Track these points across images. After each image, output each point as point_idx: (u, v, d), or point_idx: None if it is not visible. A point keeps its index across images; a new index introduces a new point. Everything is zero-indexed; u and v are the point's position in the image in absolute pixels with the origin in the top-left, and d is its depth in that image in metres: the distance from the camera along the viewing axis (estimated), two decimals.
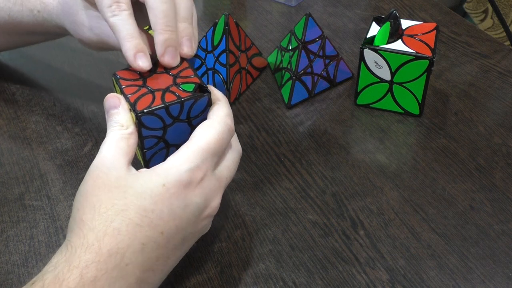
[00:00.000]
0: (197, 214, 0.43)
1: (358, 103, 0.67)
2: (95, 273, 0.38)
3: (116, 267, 0.38)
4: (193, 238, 0.45)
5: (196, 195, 0.42)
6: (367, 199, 0.55)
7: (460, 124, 0.65)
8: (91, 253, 0.38)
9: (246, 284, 0.48)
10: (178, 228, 0.42)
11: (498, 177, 0.58)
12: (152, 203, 0.40)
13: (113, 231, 0.39)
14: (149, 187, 0.41)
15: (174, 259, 0.43)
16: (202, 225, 0.44)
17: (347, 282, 0.48)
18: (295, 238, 0.52)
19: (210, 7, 0.88)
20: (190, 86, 0.46)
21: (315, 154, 0.60)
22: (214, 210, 0.44)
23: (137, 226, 0.40)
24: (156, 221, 0.40)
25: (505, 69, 0.74)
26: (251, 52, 0.70)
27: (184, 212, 0.42)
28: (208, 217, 0.44)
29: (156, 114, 0.44)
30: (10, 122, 0.64)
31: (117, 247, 0.39)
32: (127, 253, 0.39)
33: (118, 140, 0.43)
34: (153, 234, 0.40)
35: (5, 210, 0.54)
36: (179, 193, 0.41)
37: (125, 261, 0.39)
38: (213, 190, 0.44)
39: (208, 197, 0.43)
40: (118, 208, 0.40)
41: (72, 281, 0.37)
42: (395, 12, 0.64)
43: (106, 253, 0.38)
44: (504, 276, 0.49)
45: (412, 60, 0.62)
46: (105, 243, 0.39)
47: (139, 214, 0.40)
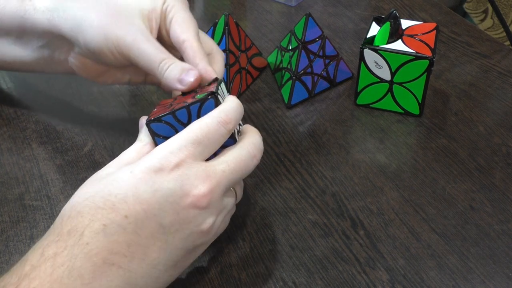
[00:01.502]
0: (171, 200, 0.41)
1: (358, 103, 0.67)
2: (55, 250, 0.39)
3: (76, 244, 0.39)
4: (180, 230, 0.42)
5: (168, 180, 0.41)
6: (367, 199, 0.55)
7: (460, 124, 0.65)
8: (54, 234, 0.40)
9: (246, 284, 0.48)
10: (148, 213, 0.41)
11: (498, 177, 0.58)
12: (117, 187, 0.41)
13: (76, 214, 0.40)
14: (118, 175, 0.42)
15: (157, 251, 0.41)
16: (187, 215, 0.42)
17: (347, 282, 0.48)
18: (295, 238, 0.52)
19: (210, 7, 0.88)
20: (203, 94, 0.46)
21: (315, 154, 0.60)
22: (199, 200, 0.42)
23: (98, 208, 0.40)
24: (119, 204, 0.40)
25: (505, 69, 0.74)
26: (251, 52, 0.70)
27: (153, 197, 0.41)
28: (193, 207, 0.42)
29: (164, 121, 0.45)
30: (10, 122, 0.64)
31: (76, 226, 0.40)
32: (86, 231, 0.39)
33: (130, 151, 0.45)
34: (115, 217, 0.40)
35: (5, 210, 0.54)
36: (147, 178, 0.41)
37: (85, 239, 0.39)
38: (194, 178, 0.42)
39: (186, 184, 0.42)
40: (87, 195, 0.41)
41: (34, 258, 0.39)
42: (395, 12, 0.64)
43: (66, 233, 0.39)
44: (504, 276, 0.49)
45: (412, 60, 0.62)
46: (66, 224, 0.40)
47: (103, 198, 0.41)
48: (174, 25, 0.51)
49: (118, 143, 0.61)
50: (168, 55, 0.50)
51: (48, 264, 0.38)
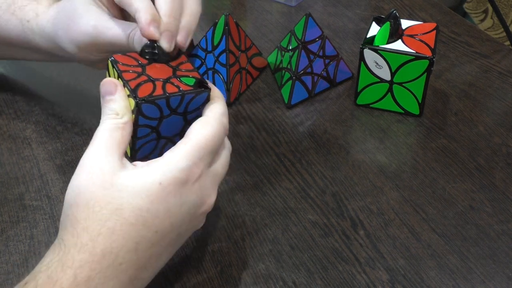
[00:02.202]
0: (192, 211, 0.43)
1: (358, 103, 0.67)
2: (88, 273, 0.37)
3: (110, 266, 0.38)
4: (187, 234, 0.45)
5: (193, 192, 0.42)
6: (367, 199, 0.55)
7: (460, 124, 0.65)
8: (85, 253, 0.38)
9: (246, 284, 0.48)
10: (173, 225, 0.42)
11: (498, 177, 0.58)
12: (148, 202, 0.40)
13: (107, 230, 0.39)
14: (145, 186, 0.40)
15: (166, 255, 0.43)
16: (197, 222, 0.45)
17: (347, 282, 0.48)
18: (295, 238, 0.52)
19: (210, 7, 0.88)
20: (191, 80, 0.46)
21: (315, 154, 0.60)
22: (209, 207, 0.44)
23: (131, 225, 0.39)
24: (151, 220, 0.40)
25: (505, 69, 0.74)
26: (251, 52, 0.70)
27: (179, 210, 0.42)
28: (203, 214, 0.45)
29: (156, 104, 0.44)
30: (10, 122, 0.64)
31: (111, 246, 0.38)
32: (121, 252, 0.39)
33: (112, 130, 0.42)
34: (147, 233, 0.40)
35: (5, 210, 0.54)
36: (176, 191, 0.41)
37: (119, 260, 0.39)
38: (209, 187, 0.44)
39: (204, 194, 0.43)
40: (113, 207, 0.39)
41: (65, 281, 0.37)
42: (395, 12, 0.64)
43: (100, 253, 0.38)
44: (504, 276, 0.49)
45: (412, 60, 0.62)
46: (99, 243, 0.38)
47: (134, 213, 0.39)
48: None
49: None
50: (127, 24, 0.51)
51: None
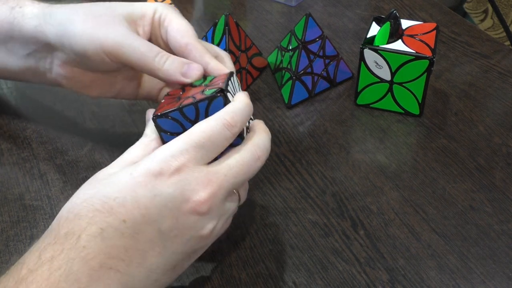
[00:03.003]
0: (171, 206, 0.41)
1: (358, 103, 0.67)
2: (52, 253, 0.38)
3: (73, 248, 0.38)
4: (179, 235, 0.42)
5: (168, 185, 0.41)
6: (367, 199, 0.55)
7: (460, 124, 0.65)
8: (50, 237, 0.39)
9: (246, 284, 0.48)
10: (146, 218, 0.40)
11: (498, 177, 0.58)
12: (116, 191, 0.40)
13: (74, 216, 0.40)
14: (116, 176, 0.41)
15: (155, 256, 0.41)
16: (187, 221, 0.41)
17: (347, 282, 0.48)
18: (295, 238, 0.52)
19: (210, 7, 0.88)
20: (212, 90, 0.45)
21: (315, 154, 0.60)
22: (199, 206, 0.41)
23: (96, 211, 0.39)
24: (117, 208, 0.40)
25: (505, 69, 0.74)
26: (251, 52, 0.70)
27: (152, 202, 0.40)
28: (193, 213, 0.41)
29: (171, 117, 0.44)
30: (10, 122, 0.64)
31: (73, 229, 0.39)
32: (83, 235, 0.38)
33: (136, 148, 0.44)
34: (113, 221, 0.39)
35: (5, 210, 0.54)
36: (147, 182, 0.40)
37: (81, 243, 0.38)
38: (194, 183, 0.41)
39: (187, 189, 0.41)
40: (86, 197, 0.41)
41: (31, 262, 0.38)
42: (395, 12, 0.64)
43: (63, 235, 0.39)
44: (504, 276, 0.49)
45: (412, 60, 0.62)
46: (63, 226, 0.39)
47: (101, 200, 0.40)
48: (172, 32, 0.50)
49: (118, 143, 0.61)
50: (163, 50, 0.49)
51: (45, 268, 0.37)
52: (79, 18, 0.51)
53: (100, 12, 0.51)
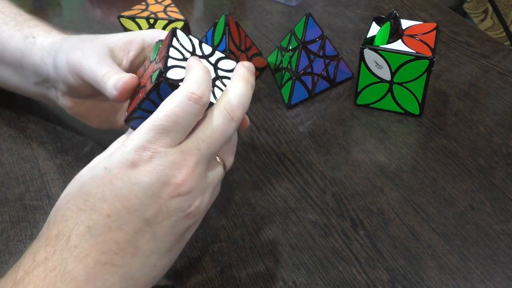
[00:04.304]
0: (150, 193, 0.40)
1: (358, 103, 0.67)
2: (45, 255, 0.39)
3: (65, 248, 0.39)
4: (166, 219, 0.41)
5: (143, 174, 0.40)
6: (367, 199, 0.55)
7: (460, 124, 0.65)
8: (42, 239, 0.40)
9: (246, 284, 0.48)
10: (129, 209, 0.40)
11: (498, 177, 0.58)
12: (94, 186, 0.41)
13: (61, 218, 0.40)
14: (93, 172, 0.42)
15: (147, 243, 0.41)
16: (170, 205, 0.41)
17: (347, 282, 0.48)
18: (295, 238, 0.52)
19: (210, 7, 0.88)
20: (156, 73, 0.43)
21: (315, 154, 0.60)
22: (178, 188, 0.41)
23: (80, 211, 0.40)
24: (99, 204, 0.40)
25: (505, 69, 0.74)
26: (251, 52, 0.70)
27: (131, 193, 0.40)
28: (174, 196, 0.41)
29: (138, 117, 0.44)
30: (10, 122, 0.64)
31: (62, 231, 0.40)
32: (72, 235, 0.39)
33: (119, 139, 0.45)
34: (97, 217, 0.40)
35: (5, 210, 0.54)
36: (122, 174, 0.40)
37: (72, 243, 0.39)
38: (169, 167, 0.41)
39: (163, 174, 0.40)
40: (69, 198, 0.41)
41: (26, 264, 0.39)
42: (395, 12, 0.64)
43: (54, 237, 0.40)
44: (504, 276, 0.49)
45: (412, 60, 0.62)
46: (52, 229, 0.40)
47: (83, 199, 0.41)
48: None
49: None
50: (114, 70, 0.49)
51: (40, 269, 0.38)
52: (65, 46, 0.54)
53: (85, 39, 0.53)
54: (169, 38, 0.44)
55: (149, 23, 0.69)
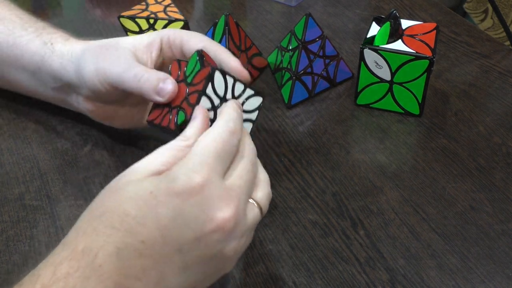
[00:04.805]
0: (193, 226, 0.39)
1: (358, 103, 0.67)
2: (67, 270, 0.36)
3: (89, 266, 0.36)
4: (202, 255, 0.40)
5: (190, 205, 0.39)
6: (367, 199, 0.55)
7: (460, 124, 0.65)
8: (67, 250, 0.38)
9: (246, 284, 0.48)
10: (166, 239, 0.38)
11: (498, 177, 0.58)
12: (136, 209, 0.39)
13: (92, 230, 0.38)
14: (137, 193, 0.39)
15: (174, 276, 0.39)
16: (210, 240, 0.40)
17: (347, 282, 0.48)
18: (295, 238, 0.52)
19: (210, 7, 0.88)
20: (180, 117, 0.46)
21: (315, 154, 0.60)
22: (225, 223, 0.40)
23: (114, 229, 0.38)
24: (136, 227, 0.38)
25: (505, 69, 0.74)
26: (251, 52, 0.70)
27: (173, 223, 0.39)
28: (217, 231, 0.40)
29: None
30: (10, 122, 0.64)
31: (90, 246, 0.37)
32: (100, 253, 0.37)
33: (167, 150, 0.43)
34: (131, 241, 0.38)
35: (5, 210, 0.54)
36: (169, 202, 0.39)
37: (98, 261, 0.37)
38: (217, 200, 0.40)
39: (210, 207, 0.39)
40: (105, 210, 0.39)
41: (45, 277, 0.36)
42: (395, 12, 0.64)
43: (80, 252, 0.37)
44: (504, 276, 0.49)
45: (412, 60, 0.62)
46: (80, 241, 0.38)
47: (120, 217, 0.38)
48: (186, 45, 0.53)
49: (118, 143, 0.61)
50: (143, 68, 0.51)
51: (60, 285, 0.36)
52: (90, 54, 0.54)
53: (107, 46, 0.54)
54: (205, 79, 0.46)
55: (149, 23, 0.69)
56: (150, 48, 0.54)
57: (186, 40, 0.53)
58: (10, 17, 0.61)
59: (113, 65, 0.52)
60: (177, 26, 0.68)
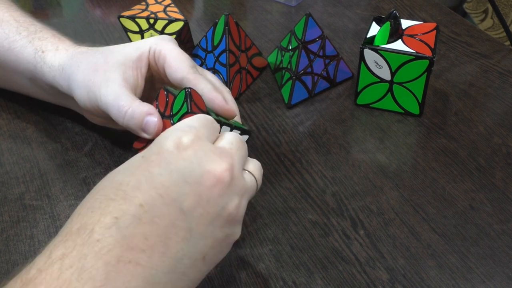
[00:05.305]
0: (191, 180, 0.38)
1: (358, 103, 0.67)
2: (63, 251, 0.35)
3: (86, 243, 0.35)
4: (205, 214, 0.38)
5: (184, 158, 0.38)
6: (367, 199, 0.55)
7: (460, 124, 0.65)
8: (61, 235, 0.36)
9: (246, 284, 0.48)
10: (165, 198, 0.37)
11: (498, 177, 0.58)
12: (128, 175, 0.38)
13: (86, 210, 0.37)
14: (130, 162, 0.39)
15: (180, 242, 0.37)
16: (211, 196, 0.38)
17: (347, 282, 0.48)
18: (295, 238, 0.52)
19: (210, 7, 0.88)
20: None
21: (315, 154, 0.60)
22: (222, 174, 0.39)
23: (110, 200, 0.36)
24: (132, 192, 0.36)
25: (505, 69, 0.74)
26: (251, 52, 0.70)
27: (169, 179, 0.37)
28: (216, 185, 0.38)
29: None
30: (10, 122, 0.64)
31: (86, 224, 0.36)
32: (96, 228, 0.35)
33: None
34: (128, 207, 0.36)
35: (5, 210, 0.54)
36: (161, 159, 0.38)
37: (95, 236, 0.35)
38: (211, 153, 0.39)
39: (205, 160, 0.39)
40: (100, 188, 0.38)
41: (41, 261, 0.35)
42: (395, 12, 0.64)
43: (75, 231, 0.36)
44: (504, 276, 0.49)
45: (412, 60, 0.62)
46: (75, 222, 0.36)
47: (114, 188, 0.37)
48: (167, 69, 0.53)
49: (118, 143, 0.61)
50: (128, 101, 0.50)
51: (56, 267, 0.34)
52: (79, 76, 0.54)
53: (97, 65, 0.53)
54: None
55: (149, 23, 0.69)
56: (139, 64, 0.54)
57: (168, 65, 0.53)
58: (7, 19, 0.61)
59: (101, 92, 0.52)
60: (177, 26, 0.68)
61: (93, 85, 0.53)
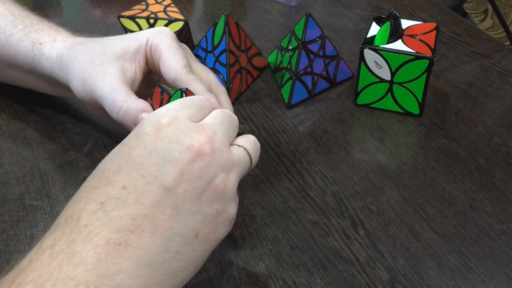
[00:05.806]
0: (170, 158, 0.38)
1: (358, 103, 0.67)
2: (52, 241, 0.36)
3: (73, 230, 0.35)
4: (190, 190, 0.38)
5: (161, 138, 0.39)
6: (367, 199, 0.55)
7: (460, 124, 0.65)
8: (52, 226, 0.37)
9: (246, 284, 0.48)
10: (147, 177, 0.37)
11: (498, 177, 0.58)
12: (109, 162, 0.39)
13: (73, 202, 0.38)
14: (112, 151, 0.40)
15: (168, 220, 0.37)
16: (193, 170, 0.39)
17: (347, 282, 0.48)
18: (295, 238, 0.52)
19: (210, 7, 0.88)
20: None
21: (315, 154, 0.60)
22: (201, 148, 0.39)
23: (94, 188, 0.37)
24: (114, 177, 0.37)
25: (505, 69, 0.74)
26: (251, 52, 0.70)
27: (149, 159, 0.38)
28: (197, 159, 0.39)
29: None
30: (10, 122, 0.64)
31: (73, 213, 0.37)
32: (83, 214, 0.36)
33: None
34: (111, 191, 0.37)
35: (5, 210, 0.54)
36: (139, 142, 0.39)
37: (82, 222, 0.35)
38: (188, 131, 0.40)
39: (183, 137, 0.39)
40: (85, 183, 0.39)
41: (32, 252, 0.36)
42: (395, 12, 0.64)
43: (63, 221, 0.37)
44: (504, 276, 0.49)
45: (412, 60, 0.62)
46: (63, 214, 0.37)
47: (97, 176, 0.38)
48: (162, 67, 0.52)
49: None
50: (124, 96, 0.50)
51: (46, 255, 0.35)
52: (77, 66, 0.54)
53: (95, 57, 0.53)
54: None
55: (149, 23, 0.69)
56: (138, 56, 0.54)
57: (162, 63, 0.52)
58: (3, 13, 0.61)
59: (97, 85, 0.52)
60: (177, 26, 0.68)
61: (90, 77, 0.52)
